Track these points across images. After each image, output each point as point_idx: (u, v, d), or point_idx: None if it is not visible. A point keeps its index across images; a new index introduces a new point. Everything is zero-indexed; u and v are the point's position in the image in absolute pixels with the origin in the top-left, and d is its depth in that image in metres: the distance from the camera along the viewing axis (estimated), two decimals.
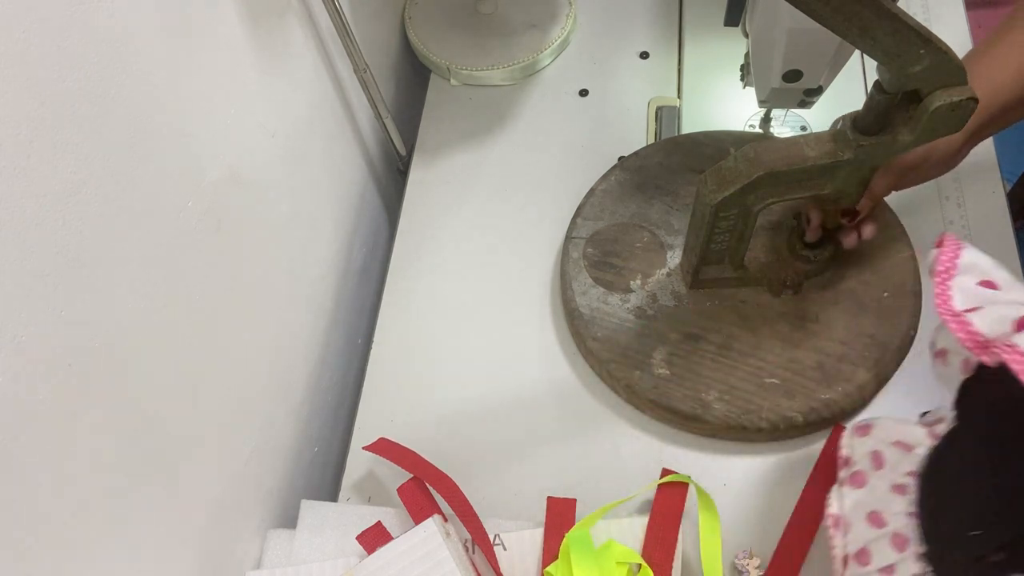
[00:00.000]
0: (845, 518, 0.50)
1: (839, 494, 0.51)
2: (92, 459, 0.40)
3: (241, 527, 0.56)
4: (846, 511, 0.50)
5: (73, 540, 0.39)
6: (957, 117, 0.46)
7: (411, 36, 0.83)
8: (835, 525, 0.50)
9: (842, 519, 0.50)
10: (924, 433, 0.50)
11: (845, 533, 0.49)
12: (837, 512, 0.50)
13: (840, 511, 0.50)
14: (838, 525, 0.50)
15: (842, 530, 0.50)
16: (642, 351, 0.62)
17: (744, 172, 0.52)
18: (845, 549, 0.49)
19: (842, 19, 0.42)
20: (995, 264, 0.43)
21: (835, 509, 0.50)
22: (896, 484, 0.49)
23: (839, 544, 0.49)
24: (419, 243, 0.73)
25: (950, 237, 0.45)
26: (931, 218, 0.70)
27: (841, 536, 0.50)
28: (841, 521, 0.50)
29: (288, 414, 0.63)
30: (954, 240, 0.45)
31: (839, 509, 0.50)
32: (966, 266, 0.43)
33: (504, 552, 0.56)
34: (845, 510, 0.50)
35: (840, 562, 0.49)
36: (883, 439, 0.51)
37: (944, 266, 0.43)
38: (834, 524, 0.50)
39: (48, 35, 0.35)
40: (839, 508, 0.50)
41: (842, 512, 0.50)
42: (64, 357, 0.38)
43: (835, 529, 0.50)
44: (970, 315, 0.40)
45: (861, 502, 0.49)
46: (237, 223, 0.53)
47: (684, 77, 0.81)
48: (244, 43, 0.53)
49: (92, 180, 0.38)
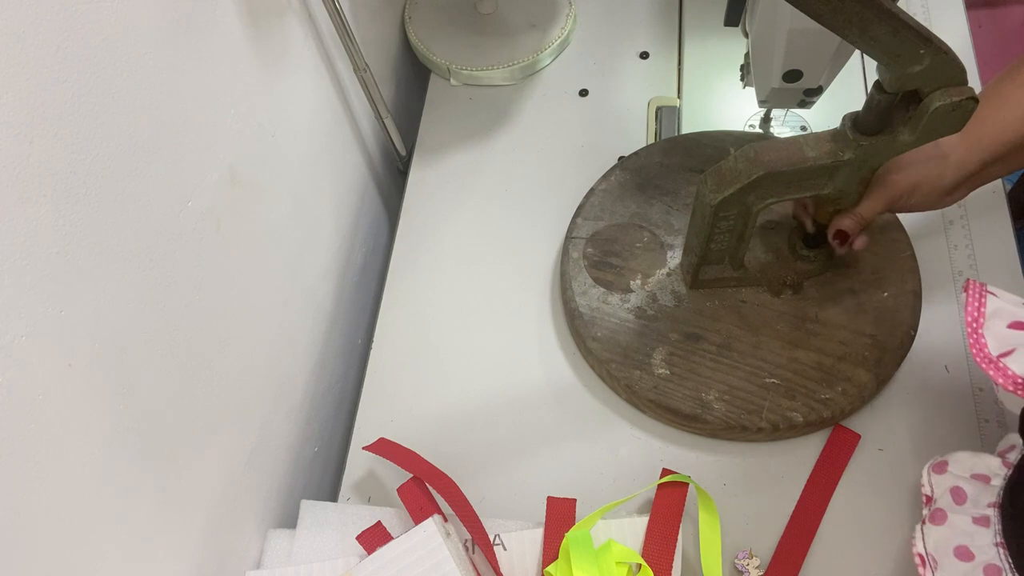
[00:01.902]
0: (931, 556, 0.50)
1: (921, 533, 0.51)
2: (92, 459, 0.40)
3: (241, 527, 0.56)
4: (930, 549, 0.50)
5: (73, 540, 0.39)
6: (957, 117, 0.46)
7: (411, 36, 0.83)
8: (922, 564, 0.50)
9: (928, 557, 0.50)
10: (998, 463, 0.50)
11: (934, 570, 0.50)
12: (922, 551, 0.50)
13: (924, 550, 0.51)
14: (925, 564, 0.50)
15: (930, 568, 0.50)
16: (642, 351, 0.62)
17: (744, 172, 0.52)
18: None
19: (842, 19, 0.42)
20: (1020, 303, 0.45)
21: (920, 548, 0.51)
22: (977, 517, 0.49)
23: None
24: (419, 243, 0.73)
25: (974, 284, 0.47)
26: (931, 218, 0.70)
27: (931, 573, 0.50)
28: (927, 559, 0.50)
29: (288, 414, 0.63)
30: (978, 286, 0.47)
31: (923, 548, 0.51)
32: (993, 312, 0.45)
33: (504, 552, 0.56)
34: (929, 548, 0.50)
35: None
36: (960, 474, 0.51)
37: (972, 316, 0.46)
38: (921, 563, 0.50)
39: (48, 35, 0.35)
40: (923, 547, 0.51)
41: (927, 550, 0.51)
42: (64, 357, 0.38)
43: (923, 568, 0.50)
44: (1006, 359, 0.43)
45: (943, 539, 0.50)
46: (237, 223, 0.53)
47: (684, 77, 0.81)
48: (244, 43, 0.53)
49: (92, 180, 0.38)
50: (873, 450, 0.60)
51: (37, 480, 0.37)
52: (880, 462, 0.60)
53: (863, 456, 0.60)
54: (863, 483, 0.59)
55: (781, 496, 0.59)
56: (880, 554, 0.56)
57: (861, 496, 0.58)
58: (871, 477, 0.59)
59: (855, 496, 0.58)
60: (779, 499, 0.59)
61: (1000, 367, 0.43)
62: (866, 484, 0.59)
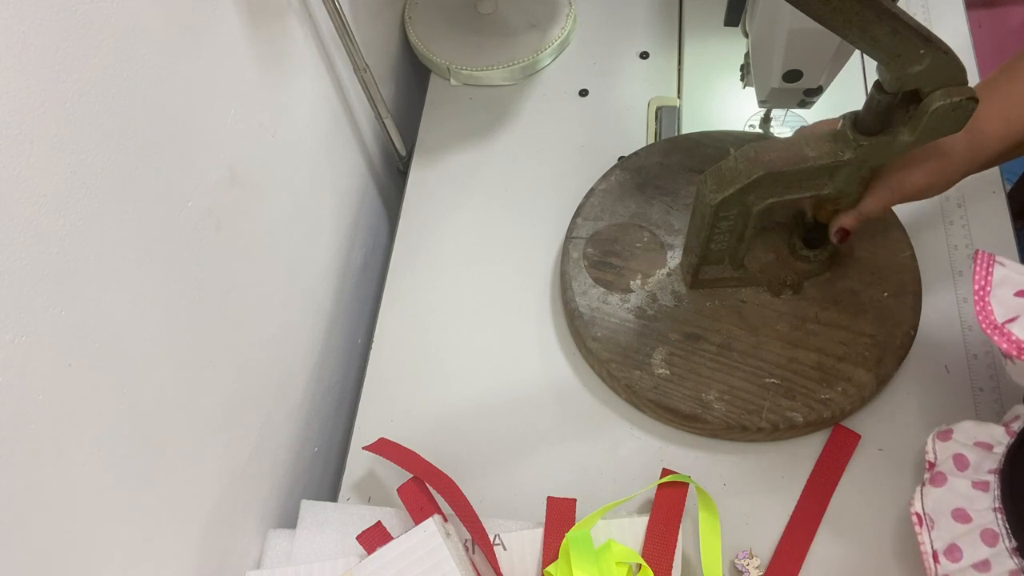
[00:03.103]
0: (929, 515, 0.51)
1: (920, 494, 0.52)
2: (92, 459, 0.40)
3: (241, 527, 0.56)
4: (928, 509, 0.51)
5: (72, 540, 0.39)
6: (957, 117, 0.46)
7: (411, 36, 0.83)
8: (919, 523, 0.51)
9: (925, 517, 0.51)
10: (1002, 432, 0.51)
11: (931, 530, 0.51)
12: (920, 510, 0.52)
13: (923, 510, 0.52)
14: (922, 523, 0.51)
15: (927, 527, 0.51)
16: (642, 351, 0.62)
17: (744, 172, 0.52)
18: (933, 545, 0.50)
19: (842, 19, 0.42)
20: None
21: (918, 508, 0.52)
22: (977, 481, 0.50)
23: (926, 540, 0.51)
24: (419, 243, 0.73)
25: (982, 254, 0.47)
26: (931, 218, 0.70)
27: (927, 533, 0.51)
28: (925, 519, 0.51)
29: (288, 414, 0.63)
30: (986, 256, 0.47)
31: (921, 508, 0.52)
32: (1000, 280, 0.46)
33: (504, 552, 0.56)
34: (927, 508, 0.51)
35: (931, 558, 0.51)
36: (964, 441, 0.52)
37: (979, 284, 0.46)
38: (918, 522, 0.51)
39: (48, 35, 0.35)
40: (921, 507, 0.52)
41: (925, 510, 0.52)
42: (64, 357, 0.38)
43: (920, 527, 0.51)
44: (1010, 325, 0.44)
45: (942, 499, 0.51)
46: (237, 223, 0.53)
47: (684, 77, 0.81)
48: (244, 43, 0.53)
49: (92, 180, 0.38)
50: (873, 450, 0.60)
51: (37, 480, 0.37)
52: (880, 462, 0.60)
53: (863, 456, 0.60)
54: (863, 483, 0.59)
55: (781, 496, 0.59)
56: (880, 554, 0.56)
57: (861, 496, 0.58)
58: (871, 477, 0.59)
59: (855, 496, 0.58)
60: (779, 499, 0.59)
61: (1004, 332, 0.44)
62: (866, 484, 0.59)
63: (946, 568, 0.50)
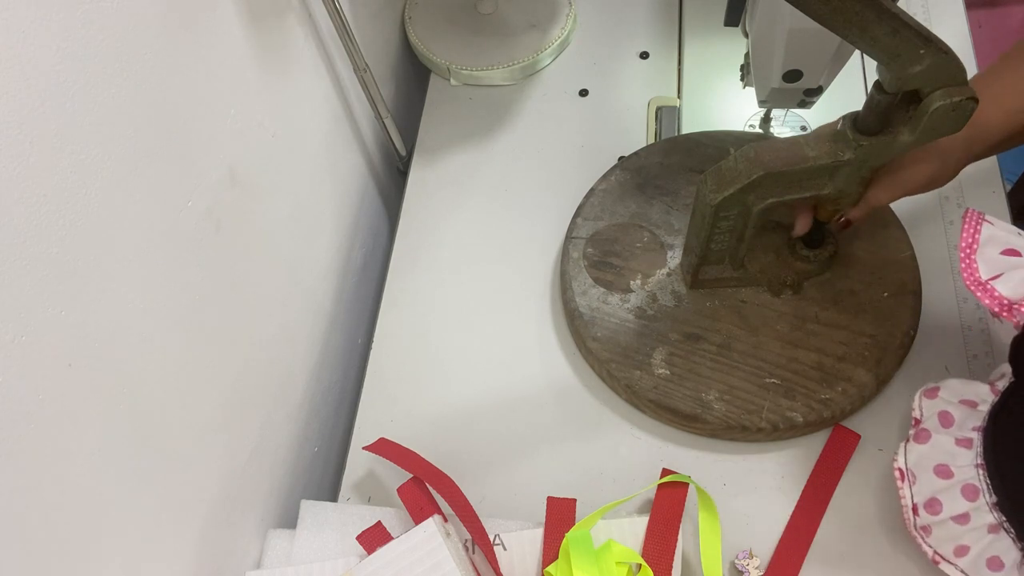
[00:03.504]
0: (911, 471, 0.52)
1: (904, 450, 0.53)
2: (92, 459, 0.40)
3: (241, 527, 0.56)
4: (910, 464, 0.52)
5: (72, 540, 0.39)
6: (957, 117, 0.46)
7: (411, 36, 0.83)
8: (901, 478, 0.52)
9: (908, 472, 0.52)
10: (987, 390, 0.52)
11: (912, 484, 0.52)
12: (902, 466, 0.52)
13: (905, 465, 0.53)
14: (903, 478, 0.52)
15: (908, 482, 0.52)
16: (642, 351, 0.62)
17: (744, 172, 0.52)
18: (913, 499, 0.51)
19: (842, 19, 0.42)
20: (1016, 232, 0.46)
21: (900, 463, 0.53)
22: (961, 438, 0.51)
23: (906, 495, 0.52)
24: (419, 243, 0.73)
25: (972, 212, 0.47)
26: (931, 218, 0.70)
27: (907, 488, 0.52)
28: (907, 474, 0.52)
29: (288, 414, 0.63)
30: (975, 214, 0.47)
31: (904, 463, 0.53)
32: (987, 238, 0.46)
33: (504, 552, 0.56)
34: (910, 464, 0.52)
35: (910, 511, 0.52)
36: (949, 399, 0.53)
37: (967, 242, 0.46)
38: (900, 477, 0.52)
39: (48, 35, 0.35)
40: (904, 462, 0.53)
41: (907, 466, 0.52)
42: (64, 357, 0.38)
43: (901, 481, 0.52)
44: (994, 282, 0.44)
45: (925, 455, 0.51)
46: (237, 223, 0.53)
47: (684, 77, 0.81)
48: (244, 43, 0.53)
49: (92, 180, 0.38)
50: (873, 450, 0.60)
51: (37, 480, 0.37)
52: (880, 462, 0.60)
53: (863, 456, 0.60)
54: (863, 483, 0.59)
55: (781, 496, 0.59)
56: (880, 554, 0.56)
57: (861, 496, 0.58)
58: (871, 477, 0.59)
59: (855, 496, 0.58)
60: (779, 499, 0.59)
61: (988, 289, 0.44)
62: (866, 484, 0.59)
63: (925, 520, 0.51)
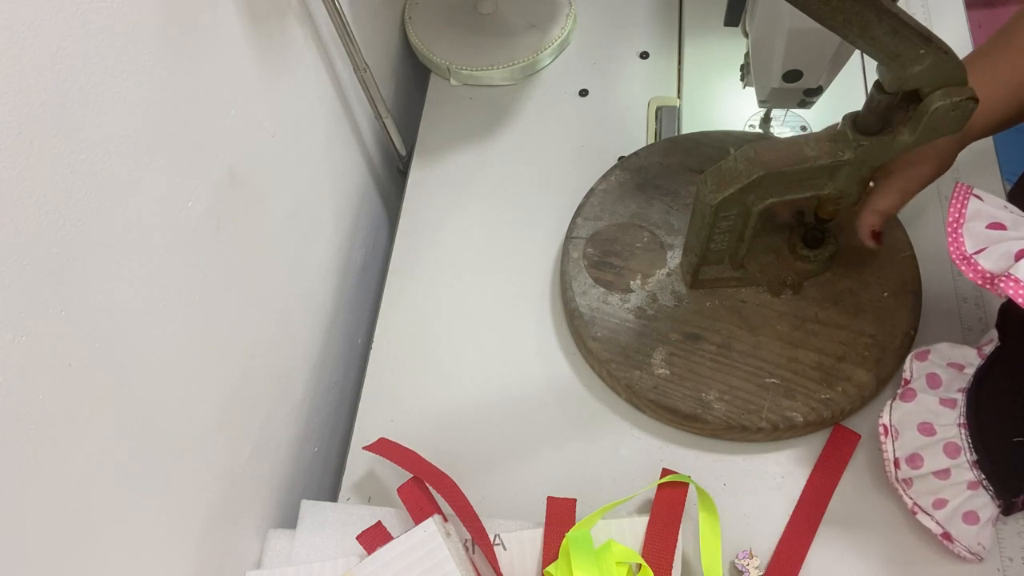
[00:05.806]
0: (895, 427, 0.54)
1: (890, 407, 0.55)
2: (91, 459, 0.40)
3: (241, 527, 0.56)
4: (895, 421, 0.54)
5: (72, 540, 0.39)
6: (957, 117, 0.46)
7: (411, 36, 0.83)
8: (884, 433, 0.54)
9: (891, 428, 0.54)
10: (974, 354, 0.53)
11: (895, 440, 0.54)
12: (887, 422, 0.54)
13: (890, 422, 0.55)
14: (887, 433, 0.54)
15: (891, 437, 0.54)
16: (642, 351, 0.62)
17: (744, 172, 0.52)
18: (895, 453, 0.53)
19: (842, 19, 0.42)
20: (1002, 205, 0.47)
21: (885, 420, 0.55)
22: (945, 399, 0.52)
23: (889, 449, 0.54)
24: (419, 243, 0.73)
25: (961, 187, 0.48)
26: (931, 218, 0.70)
27: (891, 443, 0.54)
28: (890, 430, 0.54)
29: (288, 414, 0.63)
30: (964, 188, 0.48)
31: (888, 420, 0.55)
32: (974, 212, 0.47)
33: (504, 552, 0.56)
34: (894, 421, 0.54)
35: (892, 464, 0.54)
36: (938, 361, 0.55)
37: (953, 216, 0.47)
38: (884, 432, 0.54)
39: (48, 35, 0.35)
40: (888, 419, 0.55)
41: (892, 422, 0.54)
42: (64, 357, 0.38)
43: (885, 436, 0.54)
44: (978, 256, 0.45)
45: (910, 413, 0.53)
46: (237, 223, 0.53)
47: (684, 77, 0.81)
48: (244, 43, 0.53)
49: (91, 180, 0.38)
50: (873, 450, 0.60)
51: (37, 480, 0.37)
52: (880, 462, 0.59)
53: (863, 456, 0.60)
54: (863, 483, 0.59)
55: (781, 496, 0.59)
56: (880, 554, 0.56)
57: (861, 496, 0.58)
58: (871, 477, 0.59)
59: (855, 496, 0.58)
60: (779, 499, 0.59)
61: (972, 263, 0.45)
62: (866, 484, 0.59)
63: (906, 473, 0.53)
